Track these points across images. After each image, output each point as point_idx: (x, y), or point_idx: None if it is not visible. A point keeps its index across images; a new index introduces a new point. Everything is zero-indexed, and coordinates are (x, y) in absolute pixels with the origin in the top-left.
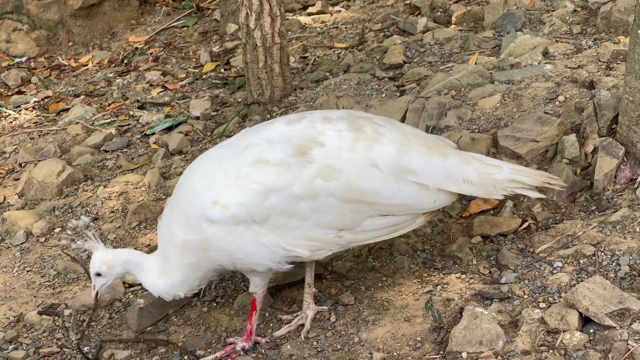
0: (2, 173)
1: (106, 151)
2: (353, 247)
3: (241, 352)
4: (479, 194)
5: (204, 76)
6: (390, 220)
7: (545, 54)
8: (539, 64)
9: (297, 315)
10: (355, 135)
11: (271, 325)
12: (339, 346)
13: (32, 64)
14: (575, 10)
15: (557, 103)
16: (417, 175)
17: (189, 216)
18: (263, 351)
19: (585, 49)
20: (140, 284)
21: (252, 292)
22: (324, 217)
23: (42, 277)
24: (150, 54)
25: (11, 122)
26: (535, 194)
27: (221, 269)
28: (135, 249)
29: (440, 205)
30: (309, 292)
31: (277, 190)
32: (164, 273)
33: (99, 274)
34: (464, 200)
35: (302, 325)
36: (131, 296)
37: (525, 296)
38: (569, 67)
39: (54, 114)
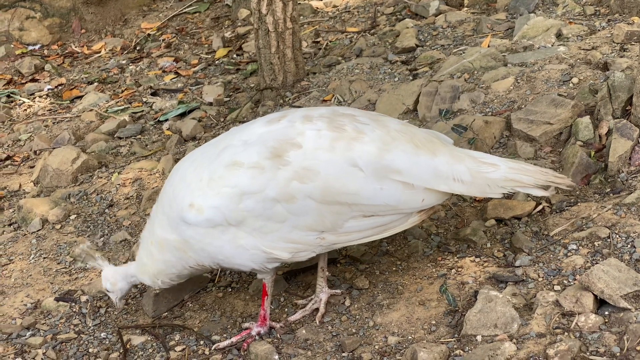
0: (17, 161)
1: (120, 138)
2: (341, 248)
3: (256, 337)
4: (472, 193)
5: (217, 62)
6: (376, 221)
7: (559, 35)
8: (552, 45)
9: (312, 299)
10: (334, 134)
11: (286, 310)
12: (353, 330)
13: (46, 52)
14: None
15: (570, 85)
16: (402, 174)
17: (169, 216)
18: (278, 336)
19: (598, 30)
20: None
21: (261, 278)
22: (303, 220)
23: (58, 263)
24: (163, 40)
25: (25, 109)
26: (538, 192)
27: (202, 268)
28: None
29: (429, 205)
30: (322, 275)
31: (251, 193)
32: (146, 268)
33: (108, 290)
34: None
35: (317, 309)
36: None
37: (540, 279)
38: (583, 49)
39: (68, 102)
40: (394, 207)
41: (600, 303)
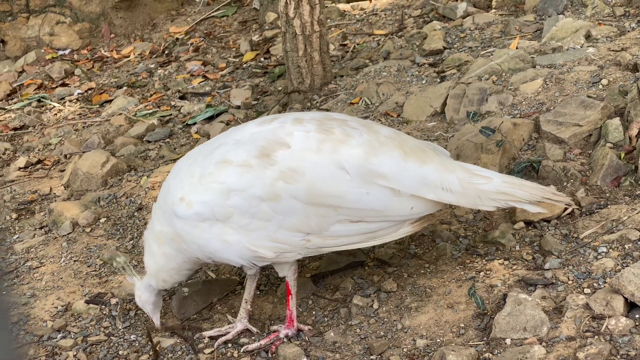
0: (48, 165)
1: (149, 141)
2: (328, 253)
3: (285, 340)
4: (461, 203)
5: (244, 65)
6: (364, 227)
7: (588, 37)
8: (581, 47)
9: (232, 325)
10: (322, 136)
11: (314, 312)
12: (382, 333)
13: (75, 57)
14: None
15: (600, 86)
16: (388, 180)
17: (163, 210)
18: (307, 338)
19: (628, 31)
20: None
21: (283, 277)
22: (288, 220)
23: (88, 266)
24: (191, 44)
25: (56, 114)
26: (534, 208)
27: (198, 261)
28: None
29: (419, 213)
30: (245, 307)
31: (238, 190)
32: (148, 267)
33: (142, 307)
34: None
35: (227, 334)
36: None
37: (570, 282)
38: (612, 50)
39: (97, 106)
40: (381, 213)
41: (631, 306)
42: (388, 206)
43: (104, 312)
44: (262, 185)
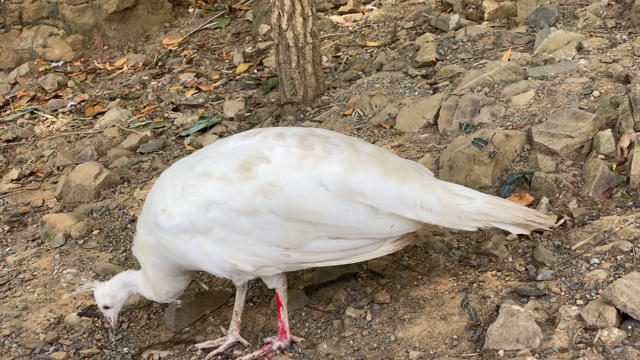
0: (40, 176)
1: (142, 153)
2: (308, 268)
3: (277, 352)
4: (440, 222)
5: (238, 77)
6: (343, 244)
7: (580, 48)
8: (573, 59)
9: (224, 338)
10: (302, 152)
11: (307, 324)
12: (375, 345)
13: (68, 68)
14: (609, 4)
15: (592, 98)
16: (366, 197)
17: (147, 220)
18: (300, 350)
19: (619, 43)
20: None
21: (272, 288)
22: (267, 234)
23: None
24: (184, 56)
25: (49, 126)
26: (516, 230)
27: (183, 269)
28: None
29: (399, 232)
30: (235, 319)
31: (217, 203)
32: (147, 280)
33: (106, 307)
34: (499, 197)
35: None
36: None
37: (562, 293)
38: (604, 62)
39: (91, 118)
40: (360, 230)
41: (623, 317)
42: (367, 224)
43: (97, 325)
44: (241, 199)
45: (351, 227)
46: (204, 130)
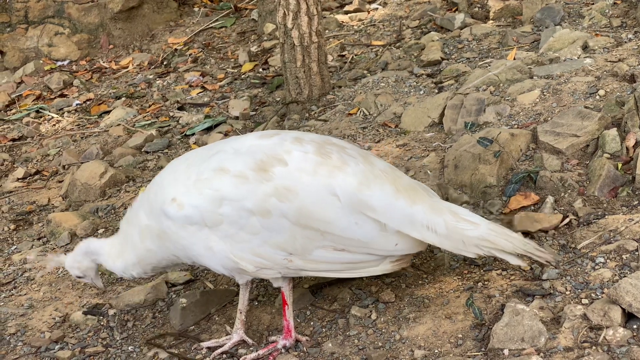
0: (46, 175)
1: (147, 152)
2: (308, 277)
3: (282, 350)
4: (444, 246)
5: (243, 76)
6: (345, 257)
7: (585, 47)
8: (578, 58)
9: (228, 337)
10: (319, 159)
11: (312, 323)
12: (380, 344)
13: (74, 67)
14: (614, 3)
15: (597, 97)
16: (376, 212)
17: (153, 205)
18: (305, 349)
19: (625, 42)
20: (182, 283)
21: (278, 287)
22: (274, 237)
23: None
24: (189, 55)
25: (54, 124)
26: (514, 261)
27: (178, 260)
28: None
29: (402, 251)
30: (240, 317)
31: (231, 200)
32: (121, 253)
33: (80, 277)
34: (504, 196)
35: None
36: (174, 296)
37: (567, 292)
38: (609, 61)
39: (96, 116)
40: (366, 244)
41: (629, 317)
42: (373, 239)
43: (102, 323)
44: (255, 198)
45: (358, 240)
46: (209, 129)
